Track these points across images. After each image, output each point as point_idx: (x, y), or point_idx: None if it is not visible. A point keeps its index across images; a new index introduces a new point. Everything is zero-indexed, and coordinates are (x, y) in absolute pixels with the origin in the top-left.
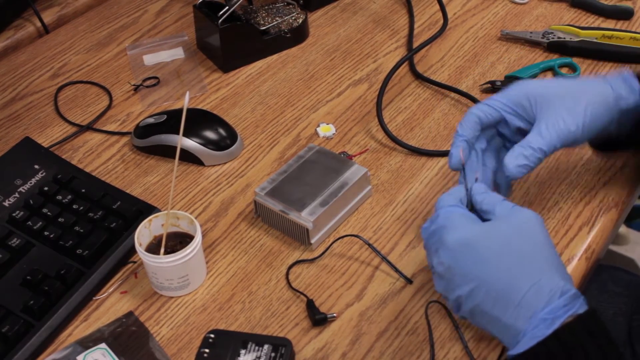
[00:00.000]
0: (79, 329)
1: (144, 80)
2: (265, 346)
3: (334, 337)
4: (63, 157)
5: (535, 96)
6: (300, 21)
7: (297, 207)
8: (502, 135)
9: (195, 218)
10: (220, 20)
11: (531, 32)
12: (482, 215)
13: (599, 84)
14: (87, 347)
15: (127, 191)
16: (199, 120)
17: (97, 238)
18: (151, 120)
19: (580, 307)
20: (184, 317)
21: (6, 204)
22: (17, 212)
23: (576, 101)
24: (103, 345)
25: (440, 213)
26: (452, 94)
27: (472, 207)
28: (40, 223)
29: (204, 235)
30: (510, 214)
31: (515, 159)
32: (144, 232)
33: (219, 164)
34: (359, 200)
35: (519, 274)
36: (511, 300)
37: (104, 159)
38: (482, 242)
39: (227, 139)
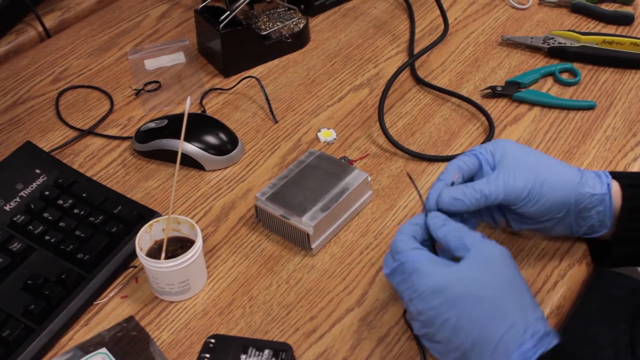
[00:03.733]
0: (79, 334)
1: (145, 85)
2: (266, 351)
3: (335, 342)
4: (64, 161)
5: (504, 150)
6: (301, 26)
7: (298, 212)
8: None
9: (196, 223)
10: (221, 25)
11: (532, 38)
12: (447, 250)
13: (569, 167)
14: (87, 352)
15: (128, 196)
16: (200, 125)
17: (98, 242)
18: (152, 124)
19: (549, 343)
20: (184, 322)
21: (7, 208)
22: (18, 216)
23: (537, 166)
24: (103, 349)
25: (405, 260)
26: (453, 99)
27: (430, 236)
28: (41, 227)
29: (204, 240)
30: (478, 253)
31: (454, 191)
32: (145, 237)
33: (220, 169)
34: (359, 205)
35: (494, 318)
36: (488, 345)
37: (104, 163)
38: (455, 289)
39: (228, 144)
